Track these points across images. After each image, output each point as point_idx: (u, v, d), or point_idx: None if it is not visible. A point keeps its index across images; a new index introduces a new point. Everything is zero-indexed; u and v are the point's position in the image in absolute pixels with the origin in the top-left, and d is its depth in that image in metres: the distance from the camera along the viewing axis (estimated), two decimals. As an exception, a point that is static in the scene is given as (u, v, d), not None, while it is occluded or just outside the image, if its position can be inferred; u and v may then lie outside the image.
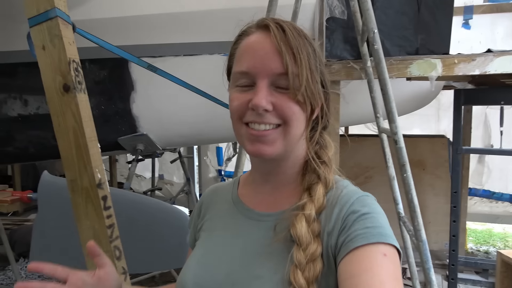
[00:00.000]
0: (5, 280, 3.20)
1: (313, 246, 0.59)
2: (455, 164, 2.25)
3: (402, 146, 1.43)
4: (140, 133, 2.46)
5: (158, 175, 5.64)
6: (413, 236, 1.57)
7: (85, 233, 1.07)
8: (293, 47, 0.61)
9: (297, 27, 0.66)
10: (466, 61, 1.80)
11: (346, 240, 0.58)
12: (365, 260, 0.55)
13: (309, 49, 0.64)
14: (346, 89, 2.12)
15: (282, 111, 0.62)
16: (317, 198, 0.63)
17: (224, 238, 0.72)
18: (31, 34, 0.96)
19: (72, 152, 1.03)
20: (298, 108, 0.63)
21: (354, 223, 0.59)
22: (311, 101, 0.63)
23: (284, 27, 0.63)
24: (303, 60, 0.61)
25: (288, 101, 0.62)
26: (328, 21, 2.01)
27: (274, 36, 0.61)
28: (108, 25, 2.18)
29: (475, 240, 4.60)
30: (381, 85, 1.46)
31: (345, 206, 0.62)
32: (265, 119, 0.62)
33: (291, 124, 0.63)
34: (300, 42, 0.62)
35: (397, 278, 0.55)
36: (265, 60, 0.61)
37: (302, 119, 0.64)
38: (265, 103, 0.61)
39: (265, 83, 0.62)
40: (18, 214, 5.25)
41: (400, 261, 0.59)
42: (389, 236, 0.58)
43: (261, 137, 0.63)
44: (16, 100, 2.41)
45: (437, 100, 3.78)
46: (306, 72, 0.61)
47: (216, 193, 0.82)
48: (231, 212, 0.74)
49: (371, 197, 0.65)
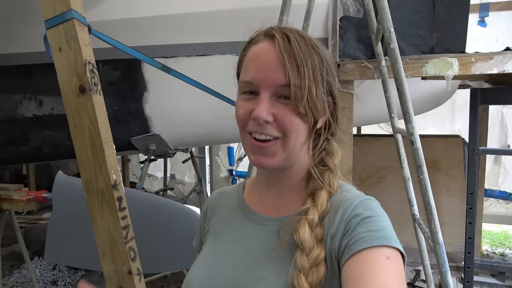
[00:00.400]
0: (20, 278, 3.26)
1: (316, 251, 0.60)
2: (472, 164, 2.21)
3: (419, 147, 1.40)
4: (152, 133, 2.47)
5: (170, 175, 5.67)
6: (429, 238, 1.54)
7: (100, 234, 1.08)
8: (297, 59, 0.61)
9: (306, 36, 0.65)
10: (483, 60, 1.76)
11: (349, 243, 0.58)
12: (369, 263, 0.55)
13: (316, 59, 0.64)
14: (360, 89, 2.10)
15: (282, 123, 0.63)
16: (320, 203, 0.64)
17: (230, 242, 0.73)
18: (48, 36, 0.97)
19: (88, 153, 1.03)
20: (299, 120, 0.63)
21: (357, 226, 0.59)
22: (313, 113, 0.63)
23: (290, 38, 0.62)
24: (306, 72, 0.61)
25: (289, 113, 0.62)
26: (342, 20, 1.99)
27: (278, 47, 0.62)
28: (121, 26, 2.19)
29: (491, 242, 4.51)
30: (397, 85, 1.43)
31: (348, 209, 0.62)
32: (265, 130, 0.63)
33: (290, 136, 0.63)
34: (306, 52, 0.62)
35: (401, 281, 0.55)
36: (269, 71, 0.62)
37: (303, 130, 0.64)
38: (265, 114, 0.61)
39: (267, 94, 0.62)
40: (33, 213, 5.34)
41: (405, 264, 0.59)
42: (393, 239, 0.58)
43: (262, 149, 0.64)
44: (31, 100, 2.44)
45: (451, 100, 3.72)
46: (309, 84, 0.61)
47: (222, 197, 0.83)
48: (237, 216, 0.75)
49: (375, 201, 0.65)
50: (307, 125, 0.64)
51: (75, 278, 3.39)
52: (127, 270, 1.08)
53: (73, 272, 3.45)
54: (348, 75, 1.91)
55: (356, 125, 3.50)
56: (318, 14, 2.02)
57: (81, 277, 3.46)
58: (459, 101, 4.14)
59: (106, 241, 1.08)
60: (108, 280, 1.10)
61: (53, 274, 3.33)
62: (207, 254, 0.74)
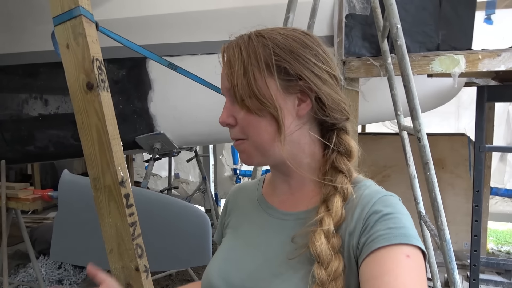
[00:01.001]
0: (26, 277, 3.27)
1: (335, 264, 0.58)
2: (478, 162, 2.19)
3: (426, 144, 1.40)
4: (157, 132, 2.48)
5: (174, 174, 5.68)
6: (436, 236, 1.53)
7: (107, 231, 1.08)
8: (231, 60, 0.64)
9: (256, 34, 0.64)
10: (491, 57, 1.75)
11: (368, 241, 0.57)
12: (387, 261, 0.54)
13: (261, 51, 0.62)
14: (365, 86, 2.09)
15: (241, 125, 0.65)
16: (335, 211, 0.61)
17: (248, 236, 0.73)
18: (55, 33, 0.97)
19: (95, 150, 1.03)
20: (253, 116, 0.63)
21: (376, 223, 0.58)
22: (261, 103, 0.62)
23: (231, 44, 0.65)
24: (237, 69, 0.62)
25: (243, 113, 0.64)
26: (347, 17, 1.99)
27: (222, 56, 0.66)
28: (126, 25, 2.19)
29: (496, 240, 4.49)
30: (404, 82, 1.43)
31: (367, 206, 0.60)
32: (232, 135, 0.68)
33: (251, 135, 0.65)
34: (243, 49, 0.63)
35: (421, 280, 0.54)
36: (222, 80, 0.67)
37: (263, 125, 0.63)
38: (224, 117, 0.66)
39: (228, 101, 0.67)
40: (38, 212, 5.36)
41: (426, 262, 0.58)
42: (413, 237, 0.56)
43: (236, 147, 0.69)
44: (37, 100, 2.45)
45: (457, 98, 3.69)
46: (243, 79, 0.62)
47: (242, 192, 0.83)
48: (256, 210, 0.75)
49: (395, 197, 0.63)
50: (266, 119, 0.63)
51: (80, 277, 3.41)
52: (135, 267, 1.08)
53: (78, 271, 3.46)
54: (353, 73, 1.90)
55: (361, 123, 3.49)
56: (323, 11, 2.02)
57: (86, 276, 3.47)
58: (465, 99, 4.12)
59: (113, 238, 1.08)
60: (116, 277, 1.10)
61: (58, 273, 3.35)
62: (226, 247, 0.75)
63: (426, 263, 0.58)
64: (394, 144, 3.39)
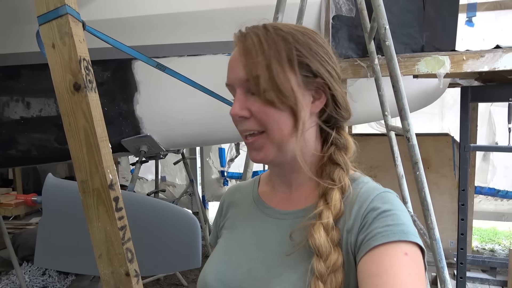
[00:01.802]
0: (9, 285, 3.18)
1: (334, 256, 0.58)
2: (463, 161, 2.23)
3: (415, 144, 1.42)
4: (144, 134, 2.44)
5: (161, 177, 5.61)
6: (425, 234, 1.55)
7: (96, 235, 1.05)
8: (252, 51, 0.62)
9: (273, 27, 0.64)
10: (474, 58, 1.78)
11: (366, 238, 0.57)
12: (386, 259, 0.54)
13: (282, 45, 0.62)
14: (353, 87, 2.11)
15: (259, 116, 0.63)
16: (333, 205, 0.61)
17: (245, 236, 0.72)
18: (41, 32, 0.94)
19: (83, 153, 1.01)
20: (273, 109, 0.62)
21: (375, 220, 0.58)
22: (282, 98, 0.61)
23: (247, 34, 0.63)
24: (262, 60, 0.61)
25: (261, 105, 0.62)
26: (334, 19, 2.00)
27: (237, 45, 0.64)
28: (112, 26, 2.16)
29: (480, 239, 4.58)
30: (393, 82, 1.44)
31: (365, 203, 0.60)
32: (245, 126, 0.64)
33: (270, 128, 0.63)
34: (264, 42, 0.62)
35: (419, 278, 0.54)
36: (234, 70, 0.64)
37: (283, 119, 0.62)
38: (238, 110, 0.63)
39: (240, 92, 0.64)
40: (20, 218, 5.23)
41: (425, 259, 0.58)
42: (412, 234, 0.56)
43: (251, 144, 0.65)
44: (18, 102, 2.39)
45: (441, 98, 3.76)
46: (265, 71, 0.61)
47: (237, 192, 0.82)
48: (252, 210, 0.75)
49: (393, 194, 0.63)
50: (285, 113, 0.62)
51: (65, 283, 3.33)
52: (125, 272, 1.06)
53: (63, 277, 3.38)
54: (341, 74, 1.91)
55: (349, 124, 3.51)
56: (310, 13, 2.02)
57: (71, 282, 3.39)
58: (448, 100, 4.19)
59: (102, 243, 1.05)
60: (105, 282, 1.07)
61: (43, 279, 3.26)
62: (222, 248, 0.74)
63: (425, 259, 0.58)
64: (380, 145, 3.42)
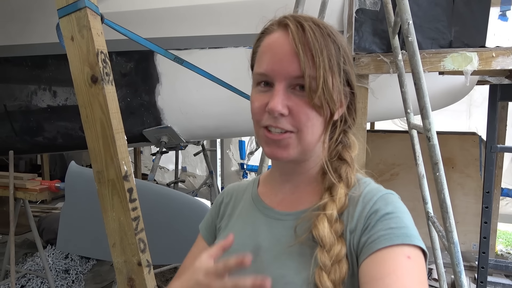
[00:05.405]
0: (34, 266, 3.31)
1: (337, 247, 0.58)
2: (489, 163, 2.15)
3: (436, 144, 1.37)
4: (164, 125, 2.47)
5: (181, 168, 5.69)
6: (443, 237, 1.50)
7: (110, 225, 1.07)
8: (311, 48, 0.59)
9: (322, 24, 0.62)
10: (505, 55, 1.70)
11: (368, 241, 0.56)
12: (388, 262, 0.53)
13: (333, 48, 0.61)
14: (375, 83, 2.06)
15: (297, 117, 0.60)
16: (338, 198, 0.61)
17: (244, 237, 0.71)
18: (60, 25, 0.96)
19: (99, 144, 1.03)
20: (315, 113, 0.60)
21: (378, 223, 0.57)
22: (329, 105, 0.60)
23: (305, 26, 0.60)
24: (321, 61, 0.58)
25: (304, 105, 0.60)
26: (358, 12, 1.95)
27: (292, 37, 0.59)
28: (133, 18, 2.18)
29: (505, 243, 4.43)
30: (415, 79, 1.39)
31: (368, 204, 0.60)
32: (279, 124, 0.61)
33: (305, 131, 0.61)
34: (321, 41, 0.59)
35: (422, 281, 0.53)
36: (283, 63, 0.60)
37: (319, 124, 0.62)
38: (280, 107, 0.59)
39: (282, 86, 0.60)
40: (46, 203, 5.43)
41: (426, 262, 0.57)
42: (414, 237, 0.55)
43: (276, 141, 0.62)
44: (45, 91, 2.46)
45: (469, 96, 3.63)
46: (324, 74, 0.59)
47: (236, 192, 0.81)
48: (251, 211, 0.73)
49: (395, 195, 0.62)
50: (323, 118, 0.62)
51: (86, 267, 3.44)
52: (137, 262, 1.08)
53: (85, 261, 3.50)
54: (363, 69, 1.87)
55: (370, 120, 3.45)
56: (333, 6, 1.98)
57: (92, 267, 3.50)
58: (477, 97, 4.04)
59: (116, 232, 1.08)
60: (118, 271, 1.10)
61: (65, 262, 3.38)
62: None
63: (426, 262, 0.57)
64: (403, 142, 3.35)
